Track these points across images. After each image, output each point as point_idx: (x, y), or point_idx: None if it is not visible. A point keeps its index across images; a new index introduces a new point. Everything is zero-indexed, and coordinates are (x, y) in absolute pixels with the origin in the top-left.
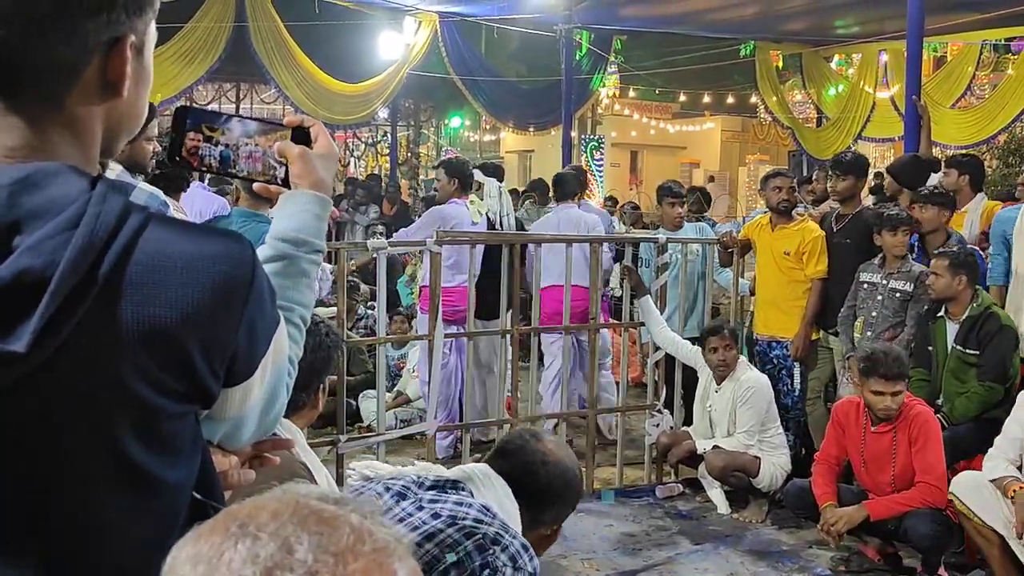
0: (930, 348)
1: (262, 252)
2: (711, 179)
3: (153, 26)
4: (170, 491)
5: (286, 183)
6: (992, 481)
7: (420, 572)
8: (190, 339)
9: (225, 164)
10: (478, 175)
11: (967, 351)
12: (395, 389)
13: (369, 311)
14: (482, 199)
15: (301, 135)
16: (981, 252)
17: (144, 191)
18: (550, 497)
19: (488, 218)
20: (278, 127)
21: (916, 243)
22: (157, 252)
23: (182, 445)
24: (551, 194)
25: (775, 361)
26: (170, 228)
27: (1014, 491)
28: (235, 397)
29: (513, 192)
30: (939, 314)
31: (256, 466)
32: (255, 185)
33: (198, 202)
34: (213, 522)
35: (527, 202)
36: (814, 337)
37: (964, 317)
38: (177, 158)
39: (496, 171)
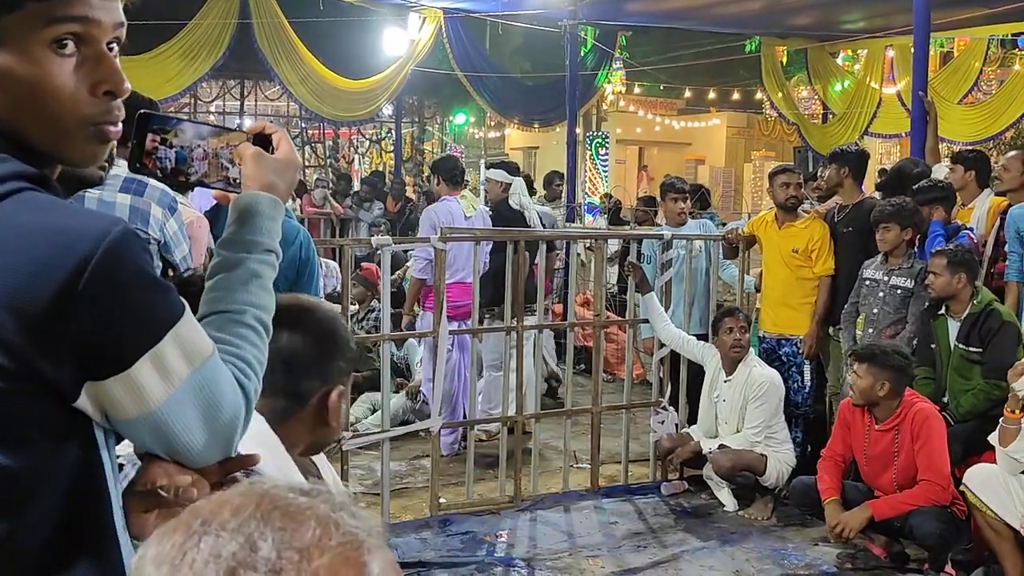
0: (933, 346)
1: (212, 262)
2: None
3: (20, 23)
4: (3, 476)
5: (239, 186)
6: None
7: (396, 563)
8: (9, 310)
9: (181, 165)
10: (501, 175)
11: (970, 349)
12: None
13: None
14: (478, 196)
15: (262, 141)
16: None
17: (157, 187)
18: (301, 366)
19: (522, 214)
20: (230, 130)
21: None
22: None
23: (21, 431)
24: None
25: (784, 359)
26: (33, 204)
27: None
28: (118, 392)
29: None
30: (940, 312)
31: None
32: (213, 193)
33: (196, 199)
34: (176, 520)
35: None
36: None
37: (965, 315)
38: (138, 164)
39: (518, 169)
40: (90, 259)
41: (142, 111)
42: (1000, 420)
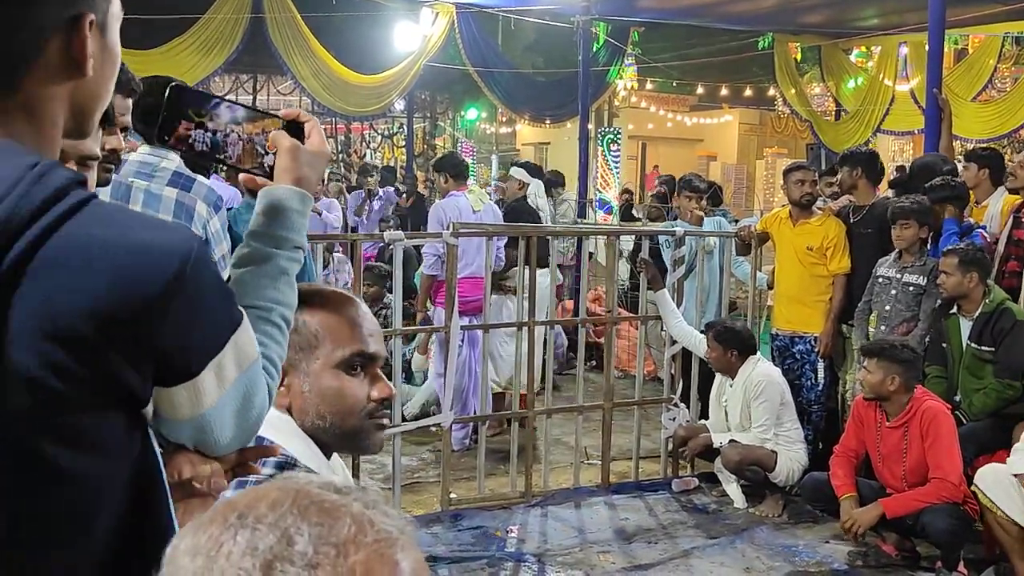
0: (944, 345)
1: (239, 250)
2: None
3: (117, 5)
4: (85, 487)
5: (271, 174)
6: (1016, 476)
7: (424, 563)
8: (100, 331)
9: (215, 149)
10: (522, 174)
11: (982, 348)
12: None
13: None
14: (483, 193)
15: (294, 129)
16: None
17: (203, 184)
18: None
19: (538, 215)
20: (264, 115)
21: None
22: (78, 238)
23: (103, 440)
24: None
25: (797, 356)
26: (105, 216)
27: None
28: (181, 397)
29: None
30: (952, 311)
31: (240, 475)
32: (241, 176)
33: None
34: (212, 512)
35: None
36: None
37: (977, 314)
38: (166, 137)
39: (538, 171)
40: (181, 276)
41: (175, 84)
42: None
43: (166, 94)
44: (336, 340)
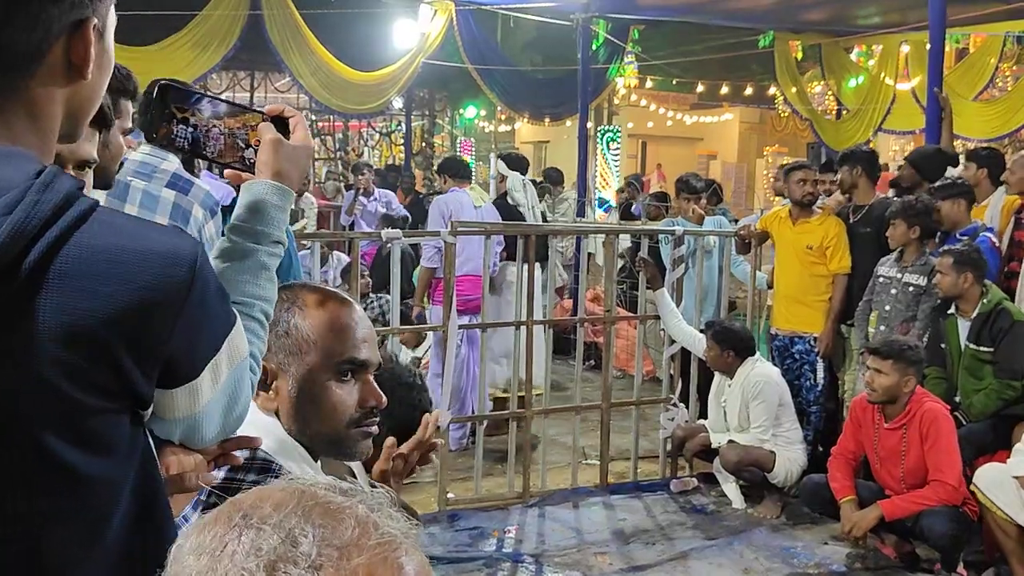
0: (943, 346)
1: (220, 245)
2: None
3: (113, 11)
4: (99, 489)
5: (252, 168)
6: (1017, 477)
7: (429, 566)
8: (116, 337)
9: (196, 145)
10: (501, 166)
11: (981, 348)
12: None
13: (384, 295)
14: (487, 190)
15: (280, 125)
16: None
17: (201, 188)
18: None
19: (519, 212)
20: (247, 110)
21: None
22: (91, 247)
23: (114, 443)
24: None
25: (797, 356)
26: (112, 223)
27: None
28: (180, 398)
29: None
30: (950, 312)
31: (222, 465)
32: (226, 172)
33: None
34: (217, 512)
35: (545, 194)
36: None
37: (975, 315)
38: (155, 136)
39: (519, 163)
40: (190, 283)
41: (163, 82)
42: None
43: (154, 92)
44: (328, 346)
